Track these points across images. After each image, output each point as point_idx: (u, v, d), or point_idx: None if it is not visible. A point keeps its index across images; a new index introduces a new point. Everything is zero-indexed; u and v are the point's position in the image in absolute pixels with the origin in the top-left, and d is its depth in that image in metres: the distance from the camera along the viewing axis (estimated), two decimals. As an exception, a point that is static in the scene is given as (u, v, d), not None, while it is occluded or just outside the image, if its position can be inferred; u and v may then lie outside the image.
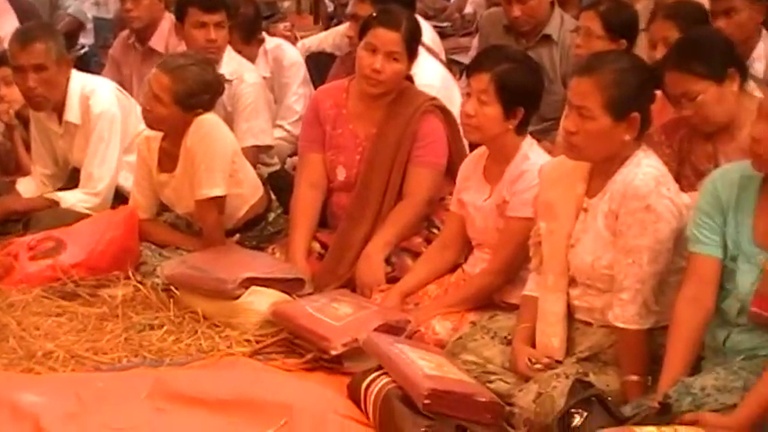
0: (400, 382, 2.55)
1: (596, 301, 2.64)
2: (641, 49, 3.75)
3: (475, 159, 3.18)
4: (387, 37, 3.34)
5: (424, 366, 2.58)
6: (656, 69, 2.89)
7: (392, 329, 2.94)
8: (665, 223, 2.50)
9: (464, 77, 3.61)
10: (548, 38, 4.38)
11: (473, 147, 3.34)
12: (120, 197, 3.85)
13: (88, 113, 3.81)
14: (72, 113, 3.85)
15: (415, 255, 3.44)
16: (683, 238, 2.51)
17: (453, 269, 3.26)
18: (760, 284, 2.37)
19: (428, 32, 4.44)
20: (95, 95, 3.84)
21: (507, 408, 2.57)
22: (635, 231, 2.49)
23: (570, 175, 2.69)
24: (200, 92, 3.43)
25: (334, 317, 2.99)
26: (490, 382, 2.69)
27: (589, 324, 2.69)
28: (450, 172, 3.46)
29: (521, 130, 3.01)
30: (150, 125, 3.55)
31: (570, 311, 2.69)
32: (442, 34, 5.64)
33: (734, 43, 3.07)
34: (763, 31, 3.92)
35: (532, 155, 3.02)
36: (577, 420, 2.32)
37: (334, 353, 2.88)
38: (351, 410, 2.63)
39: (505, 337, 2.80)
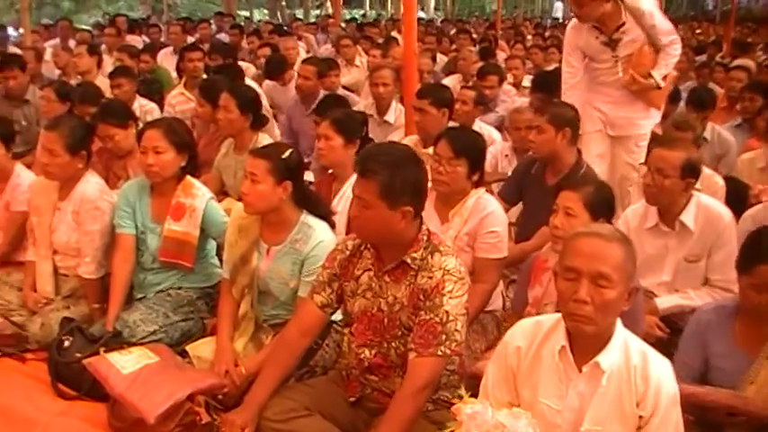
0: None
1: (71, 261, 4.16)
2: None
3: None
4: None
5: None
6: None
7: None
8: (107, 216, 4.04)
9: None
10: None
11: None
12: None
13: None
14: None
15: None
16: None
17: None
18: (162, 244, 3.93)
19: None
20: None
21: (24, 333, 3.97)
22: (90, 221, 4.04)
23: (48, 188, 4.14)
24: None
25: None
26: (12, 316, 4.13)
27: (67, 275, 4.22)
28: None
29: None
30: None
31: (55, 268, 4.21)
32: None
33: None
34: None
35: None
36: (67, 344, 3.61)
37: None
38: None
39: (19, 287, 4.30)
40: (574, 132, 4.52)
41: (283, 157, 3.43)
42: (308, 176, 4.07)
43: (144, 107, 6.64)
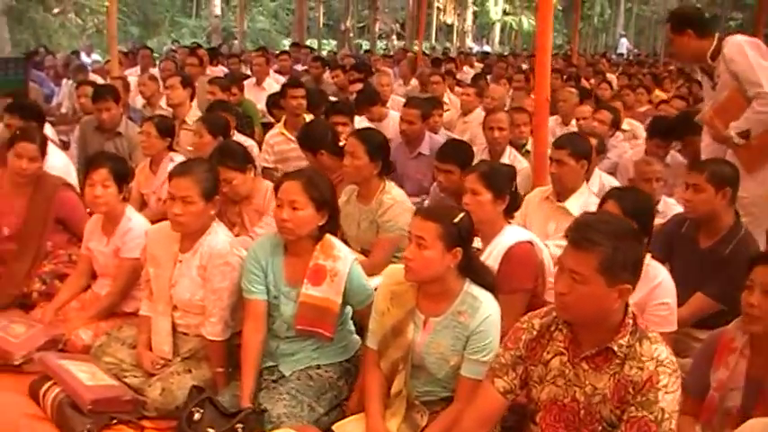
0: (68, 392, 3.58)
1: (193, 320, 3.81)
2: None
3: None
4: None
5: (84, 378, 3.65)
6: None
7: (53, 342, 4.11)
8: (237, 272, 3.68)
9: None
10: None
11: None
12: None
13: None
14: None
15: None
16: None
17: (86, 288, 4.52)
18: (298, 311, 3.55)
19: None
20: None
21: (141, 398, 3.66)
22: (219, 278, 3.68)
23: (168, 237, 3.81)
24: None
25: (14, 335, 4.12)
26: (125, 377, 3.83)
27: (187, 334, 3.88)
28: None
29: None
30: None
31: (174, 326, 3.86)
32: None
33: None
34: None
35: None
36: (197, 416, 3.34)
37: (16, 363, 3.97)
38: (34, 409, 3.63)
39: (131, 344, 3.97)
40: (734, 192, 4.26)
41: (455, 221, 3.14)
42: (476, 243, 3.72)
43: (243, 144, 6.28)
